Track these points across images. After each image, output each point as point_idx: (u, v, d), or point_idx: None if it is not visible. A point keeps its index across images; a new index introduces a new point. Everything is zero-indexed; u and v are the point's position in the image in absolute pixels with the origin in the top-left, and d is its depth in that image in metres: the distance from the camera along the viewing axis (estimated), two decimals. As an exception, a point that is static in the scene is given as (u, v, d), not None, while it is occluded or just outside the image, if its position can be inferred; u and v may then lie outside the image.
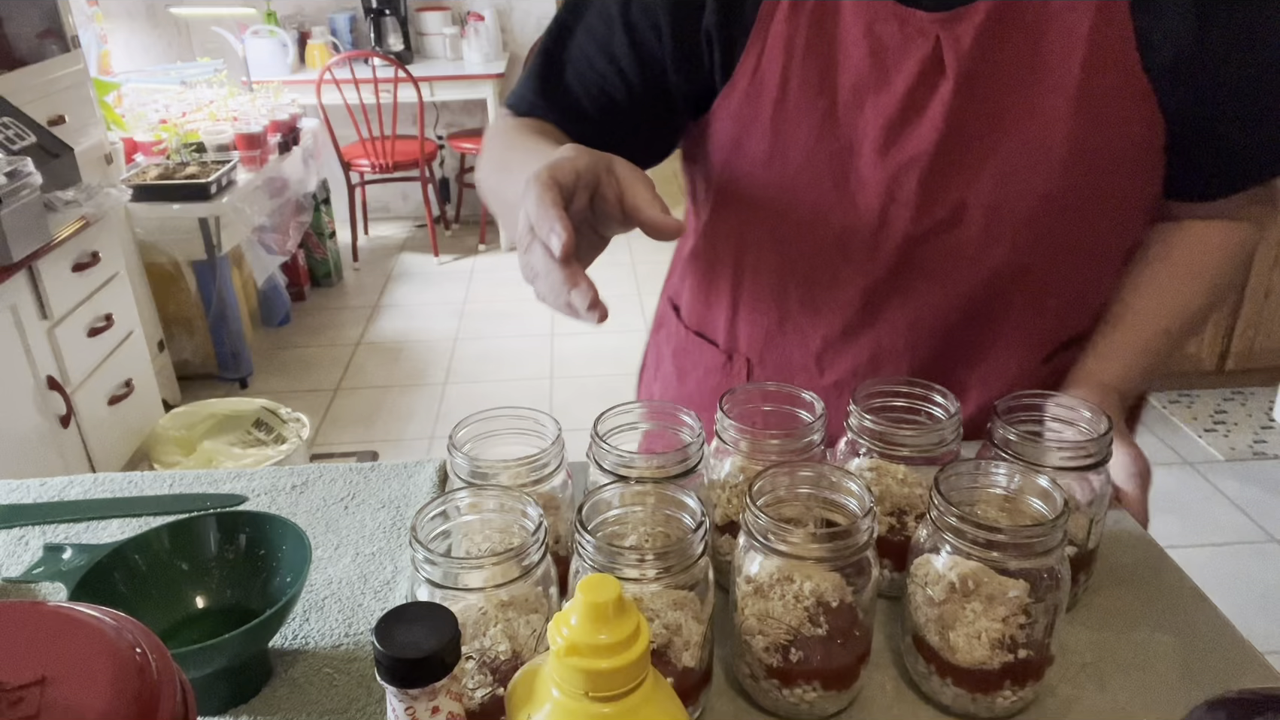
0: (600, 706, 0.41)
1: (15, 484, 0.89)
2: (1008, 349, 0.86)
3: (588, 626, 0.41)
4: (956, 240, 0.80)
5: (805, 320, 0.88)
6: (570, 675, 0.41)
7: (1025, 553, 0.57)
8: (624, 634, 0.41)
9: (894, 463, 0.70)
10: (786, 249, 0.86)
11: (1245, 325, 2.92)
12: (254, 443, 2.56)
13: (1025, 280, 0.83)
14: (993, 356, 0.87)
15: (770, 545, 0.57)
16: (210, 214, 2.93)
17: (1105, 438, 0.67)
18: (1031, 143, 0.76)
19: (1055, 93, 0.75)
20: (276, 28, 4.25)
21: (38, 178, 2.14)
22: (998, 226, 0.79)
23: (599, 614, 0.41)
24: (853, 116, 0.79)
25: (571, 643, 0.41)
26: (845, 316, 0.86)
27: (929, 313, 0.84)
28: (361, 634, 0.70)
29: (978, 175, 0.78)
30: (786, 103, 0.80)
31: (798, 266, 0.87)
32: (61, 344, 2.27)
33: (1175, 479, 2.67)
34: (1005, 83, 0.76)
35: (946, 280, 0.82)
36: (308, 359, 3.55)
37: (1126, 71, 0.75)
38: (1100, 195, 0.80)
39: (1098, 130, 0.76)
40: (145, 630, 0.45)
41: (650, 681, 0.43)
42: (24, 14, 2.65)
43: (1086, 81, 0.75)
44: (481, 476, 0.65)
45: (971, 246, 0.80)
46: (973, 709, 0.61)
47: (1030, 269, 0.82)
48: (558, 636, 0.42)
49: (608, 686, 0.41)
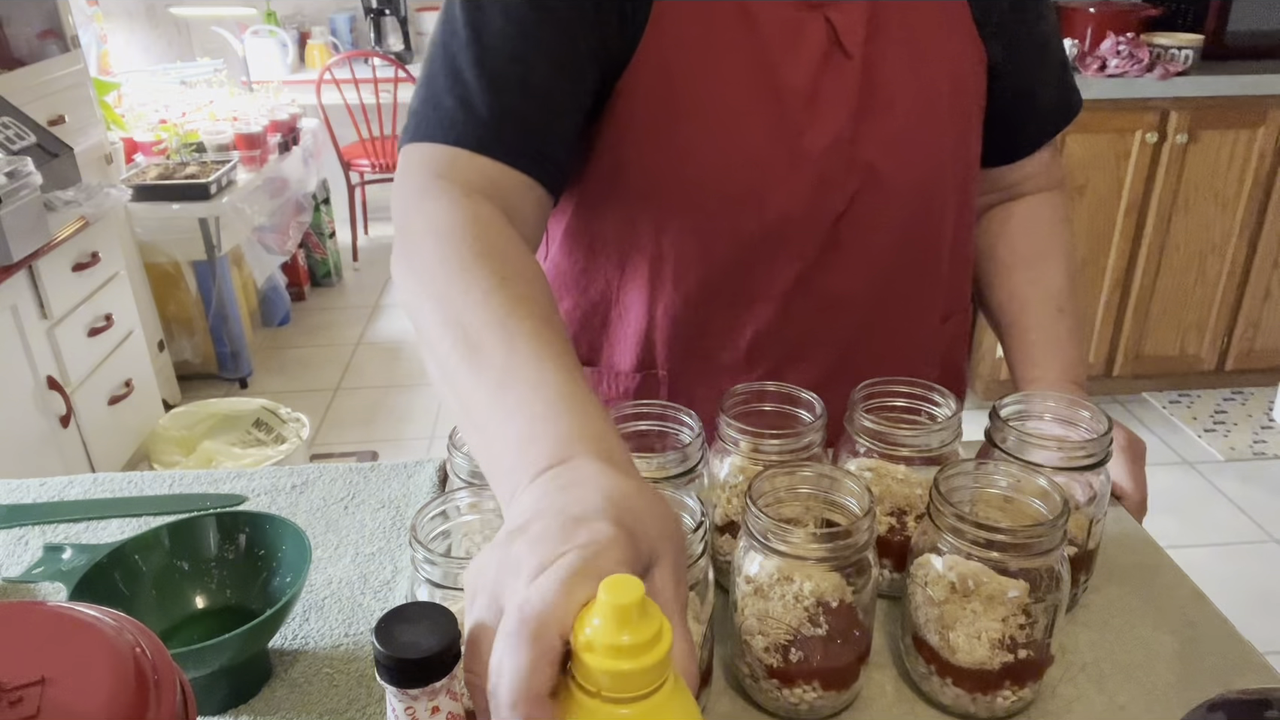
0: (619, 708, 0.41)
1: (15, 484, 0.89)
2: (913, 315, 0.89)
3: (610, 628, 0.40)
4: (872, 213, 0.82)
5: (736, 314, 0.84)
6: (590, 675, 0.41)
7: (1025, 553, 0.57)
8: (646, 636, 0.40)
9: (894, 463, 0.70)
10: (712, 242, 0.81)
11: (1245, 325, 2.92)
12: (254, 443, 2.56)
13: (924, 246, 0.86)
14: (901, 323, 0.89)
15: (770, 545, 0.57)
16: (210, 214, 2.93)
17: (1105, 437, 0.67)
18: (923, 113, 0.80)
19: (935, 62, 0.80)
20: (276, 28, 4.24)
21: (38, 178, 2.14)
22: (903, 197, 0.82)
23: (622, 616, 0.40)
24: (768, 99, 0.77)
25: (591, 642, 0.40)
26: (776, 304, 0.83)
27: (849, 287, 0.84)
28: (361, 634, 0.70)
29: (885, 148, 0.80)
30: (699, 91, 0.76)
31: (725, 259, 0.81)
32: (61, 344, 2.27)
33: (1175, 479, 2.67)
34: (898, 57, 0.79)
35: (864, 253, 0.83)
36: (307, 359, 3.54)
37: (970, 36, 0.82)
38: (969, 157, 0.86)
39: (963, 96, 0.83)
40: (145, 630, 0.45)
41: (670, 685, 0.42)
42: (24, 14, 2.65)
43: (946, 48, 0.80)
44: (481, 476, 0.65)
45: (884, 218, 0.82)
46: (973, 709, 0.61)
47: (928, 235, 0.85)
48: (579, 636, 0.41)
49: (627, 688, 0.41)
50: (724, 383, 0.76)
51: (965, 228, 0.90)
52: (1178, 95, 2.59)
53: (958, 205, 0.87)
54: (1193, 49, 2.64)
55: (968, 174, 0.87)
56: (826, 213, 0.81)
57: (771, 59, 0.77)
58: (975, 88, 0.84)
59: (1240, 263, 2.83)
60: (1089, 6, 2.79)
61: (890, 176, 0.81)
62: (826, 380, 0.80)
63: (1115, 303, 2.87)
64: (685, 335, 0.85)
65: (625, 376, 0.88)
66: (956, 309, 0.94)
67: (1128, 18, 2.76)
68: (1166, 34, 2.74)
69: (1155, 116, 2.62)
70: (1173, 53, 2.66)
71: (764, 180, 0.79)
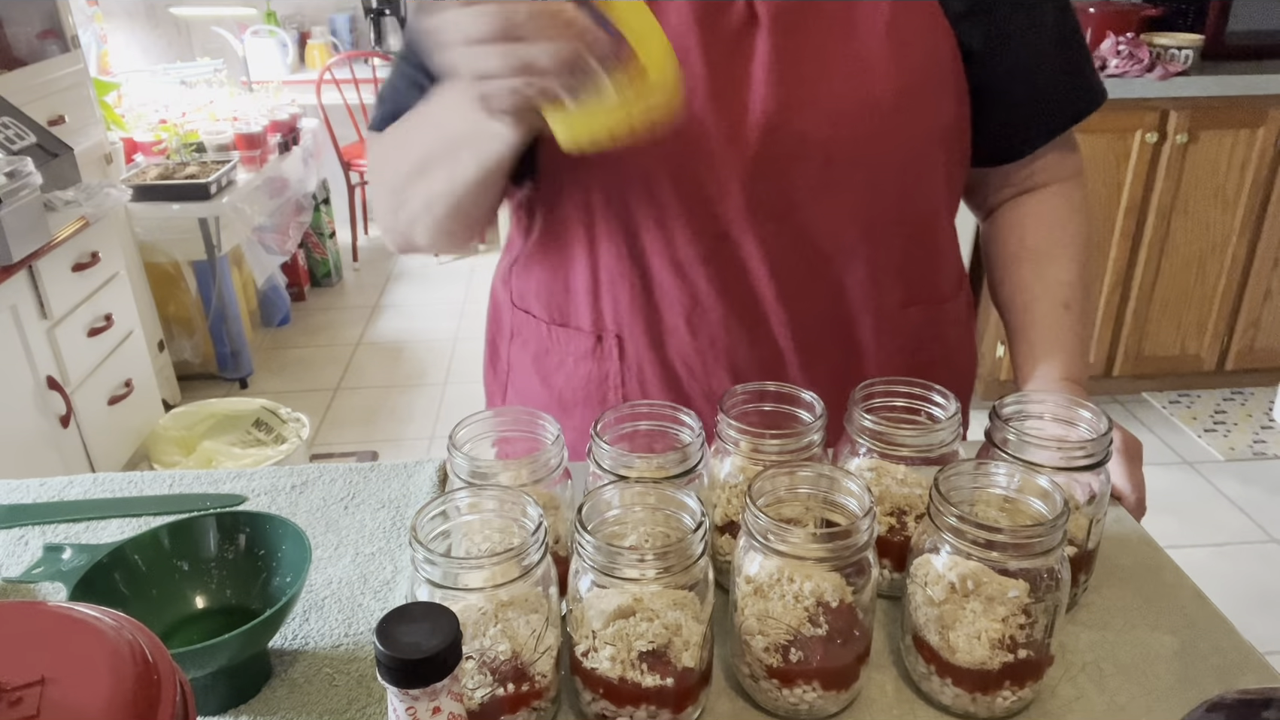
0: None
1: (15, 484, 0.89)
2: (863, 294, 0.87)
3: None
4: (800, 180, 0.81)
5: (669, 280, 0.86)
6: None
7: (1025, 553, 0.57)
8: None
9: (894, 463, 0.70)
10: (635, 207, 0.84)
11: (1245, 325, 2.92)
12: (254, 443, 2.56)
13: (869, 224, 0.84)
14: (850, 300, 0.87)
15: (770, 545, 0.57)
16: (210, 214, 2.93)
17: (1105, 438, 0.67)
18: (857, 84, 0.80)
19: (871, 35, 0.79)
20: (276, 28, 4.24)
21: (38, 178, 2.14)
22: (837, 166, 0.81)
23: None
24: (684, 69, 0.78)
25: None
26: (706, 270, 0.85)
27: (787, 259, 0.84)
28: (361, 634, 0.70)
29: (812, 116, 0.80)
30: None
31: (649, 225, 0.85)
32: (61, 344, 2.27)
33: (1175, 479, 2.67)
34: (823, 29, 0.79)
35: (794, 223, 0.83)
36: (307, 359, 3.55)
37: (929, 12, 0.80)
38: (924, 138, 0.84)
39: (913, 71, 0.80)
40: (145, 630, 0.45)
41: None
42: (24, 14, 2.65)
43: (896, 22, 0.79)
44: (481, 476, 0.65)
45: (815, 185, 0.82)
46: (973, 709, 0.61)
47: (875, 211, 0.84)
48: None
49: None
50: (671, 349, 0.85)
51: (934, 213, 0.89)
52: (1178, 95, 2.59)
53: (922, 188, 0.86)
54: (1193, 49, 2.65)
55: (934, 157, 0.85)
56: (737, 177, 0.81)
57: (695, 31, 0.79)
58: (935, 68, 0.82)
59: (1240, 263, 2.83)
60: (1089, 6, 2.79)
61: (816, 146, 0.80)
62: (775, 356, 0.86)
63: (1115, 303, 2.87)
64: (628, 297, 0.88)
65: (585, 335, 0.92)
66: (924, 298, 0.91)
67: (1128, 18, 2.76)
68: (1166, 34, 2.74)
69: (1155, 117, 2.62)
70: (1173, 53, 2.66)
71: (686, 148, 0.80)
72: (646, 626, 0.56)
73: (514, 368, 1.00)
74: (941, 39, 0.81)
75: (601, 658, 0.57)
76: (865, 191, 0.83)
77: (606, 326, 0.90)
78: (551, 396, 0.95)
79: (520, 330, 0.98)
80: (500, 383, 1.03)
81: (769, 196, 0.81)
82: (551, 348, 0.94)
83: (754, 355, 0.87)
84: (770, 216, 0.82)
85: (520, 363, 0.99)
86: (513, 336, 0.99)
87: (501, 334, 1.02)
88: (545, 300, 0.94)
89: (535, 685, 0.58)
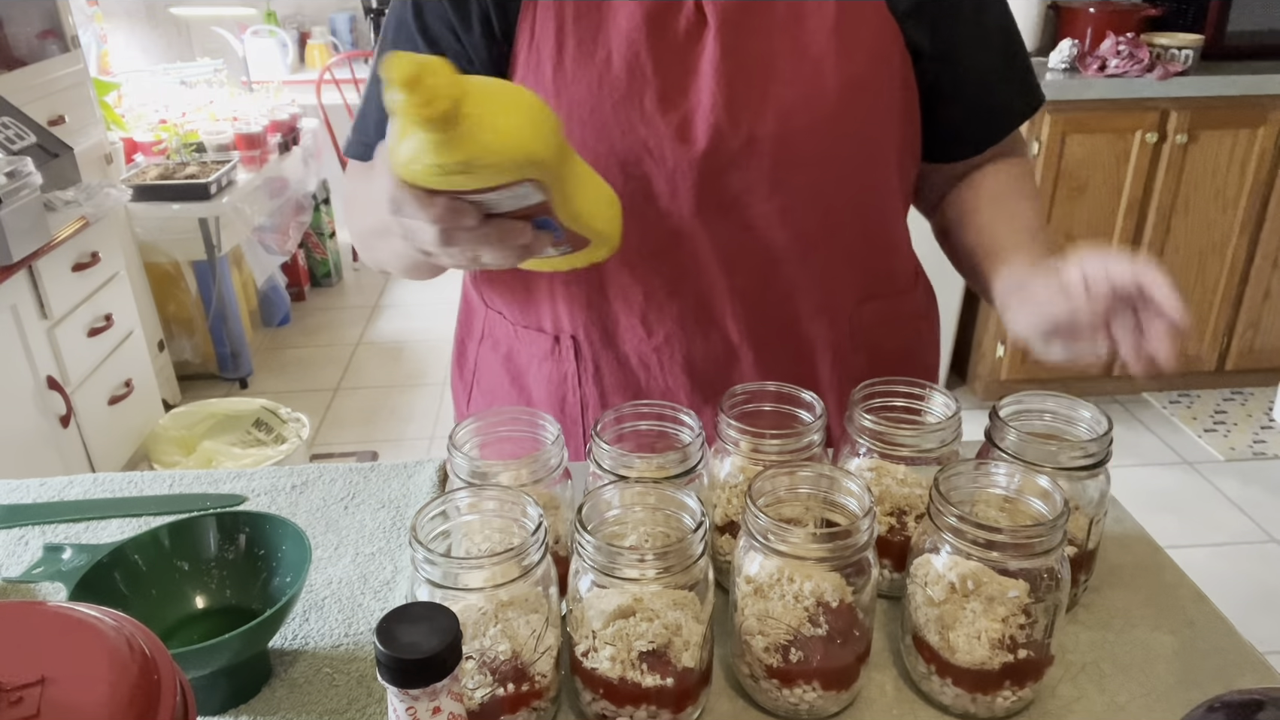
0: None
1: (15, 484, 0.89)
2: (820, 291, 0.88)
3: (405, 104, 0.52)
4: (750, 178, 0.82)
5: (623, 278, 0.87)
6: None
7: (1025, 553, 0.57)
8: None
9: (894, 463, 0.70)
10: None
11: (1245, 325, 2.92)
12: (254, 443, 2.56)
13: (821, 220, 0.85)
14: (809, 299, 0.88)
15: (770, 545, 0.57)
16: (210, 214, 2.93)
17: (1105, 438, 0.67)
18: (805, 82, 0.80)
19: (819, 33, 0.80)
20: (276, 28, 4.24)
21: (38, 178, 2.14)
22: (787, 163, 0.82)
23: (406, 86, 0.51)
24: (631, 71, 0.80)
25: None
26: (658, 267, 0.86)
27: (739, 256, 0.85)
28: (361, 634, 0.70)
29: (760, 115, 0.80)
30: (564, 64, 0.81)
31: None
32: (61, 344, 2.27)
33: (1175, 479, 2.67)
34: (770, 27, 0.80)
35: (746, 220, 0.83)
36: (307, 359, 3.54)
37: (876, 10, 0.81)
38: (874, 134, 0.84)
39: (860, 67, 0.81)
40: (145, 630, 0.45)
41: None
42: (24, 14, 2.65)
43: (842, 20, 0.80)
44: (481, 476, 0.65)
45: (765, 183, 0.82)
46: (973, 709, 0.61)
47: (822, 208, 0.84)
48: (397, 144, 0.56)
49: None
50: (628, 347, 0.87)
51: (887, 207, 0.89)
52: (1177, 95, 2.59)
53: (874, 183, 0.86)
54: (1192, 49, 2.64)
55: (885, 153, 0.85)
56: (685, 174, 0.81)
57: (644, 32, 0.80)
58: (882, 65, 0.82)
59: (1240, 263, 2.83)
60: (1089, 6, 2.79)
61: (765, 142, 0.80)
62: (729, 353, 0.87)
63: (1115, 303, 2.87)
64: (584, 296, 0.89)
65: (546, 337, 0.93)
66: (880, 293, 0.92)
67: (1128, 18, 2.76)
68: (1166, 34, 2.74)
69: (1155, 116, 2.62)
70: (1172, 53, 2.66)
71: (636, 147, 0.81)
72: (646, 626, 0.56)
73: (480, 369, 1.01)
74: (889, 36, 0.82)
75: (601, 658, 0.57)
76: (816, 188, 0.83)
77: (564, 327, 0.91)
78: (521, 397, 0.96)
79: (491, 331, 0.99)
80: (466, 384, 1.03)
81: (719, 194, 0.82)
82: (520, 349, 0.96)
83: (709, 352, 0.88)
84: (721, 214, 0.83)
85: (489, 364, 0.99)
86: (483, 338, 1.00)
87: (470, 335, 1.02)
88: (509, 301, 0.95)
89: (535, 685, 0.58)
